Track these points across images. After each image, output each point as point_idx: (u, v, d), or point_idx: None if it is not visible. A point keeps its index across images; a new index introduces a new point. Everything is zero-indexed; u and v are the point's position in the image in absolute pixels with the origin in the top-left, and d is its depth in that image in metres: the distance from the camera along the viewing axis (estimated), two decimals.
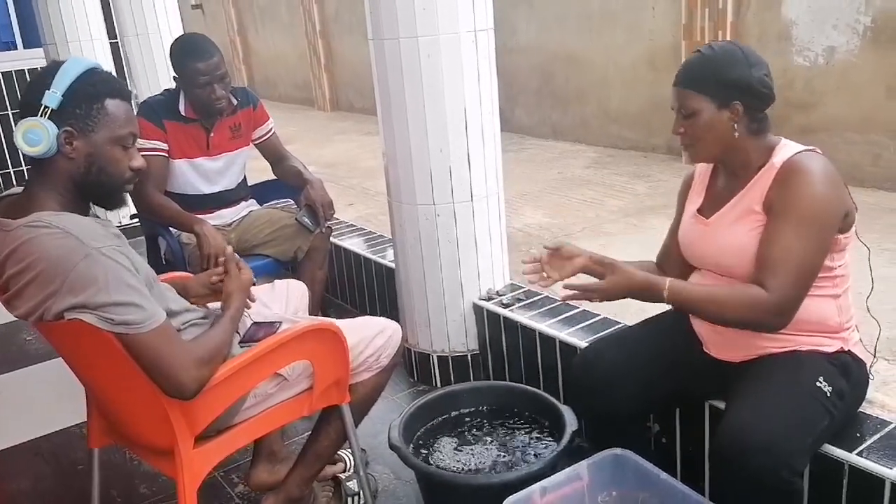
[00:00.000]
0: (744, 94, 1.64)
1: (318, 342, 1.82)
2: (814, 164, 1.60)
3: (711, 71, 1.65)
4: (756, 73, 1.64)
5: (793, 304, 1.58)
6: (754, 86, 1.64)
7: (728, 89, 1.63)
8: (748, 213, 1.67)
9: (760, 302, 1.57)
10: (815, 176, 1.58)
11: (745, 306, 1.59)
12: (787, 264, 1.56)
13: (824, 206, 1.58)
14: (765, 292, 1.56)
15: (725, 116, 1.65)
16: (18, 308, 1.52)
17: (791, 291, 1.57)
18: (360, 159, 6.23)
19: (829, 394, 1.59)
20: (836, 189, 1.60)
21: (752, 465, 1.46)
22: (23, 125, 1.48)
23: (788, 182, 1.60)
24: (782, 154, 1.64)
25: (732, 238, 1.69)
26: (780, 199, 1.60)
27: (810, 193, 1.57)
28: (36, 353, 3.36)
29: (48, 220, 1.47)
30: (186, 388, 1.53)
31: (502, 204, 2.68)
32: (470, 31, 2.38)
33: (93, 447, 1.92)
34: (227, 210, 2.97)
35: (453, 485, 1.93)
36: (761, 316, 1.59)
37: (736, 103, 1.64)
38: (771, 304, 1.56)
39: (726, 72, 1.63)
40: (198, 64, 2.66)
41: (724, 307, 1.62)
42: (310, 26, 9.21)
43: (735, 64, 1.64)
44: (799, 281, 1.58)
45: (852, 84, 4.30)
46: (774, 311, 1.58)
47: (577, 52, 5.98)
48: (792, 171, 1.60)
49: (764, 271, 1.59)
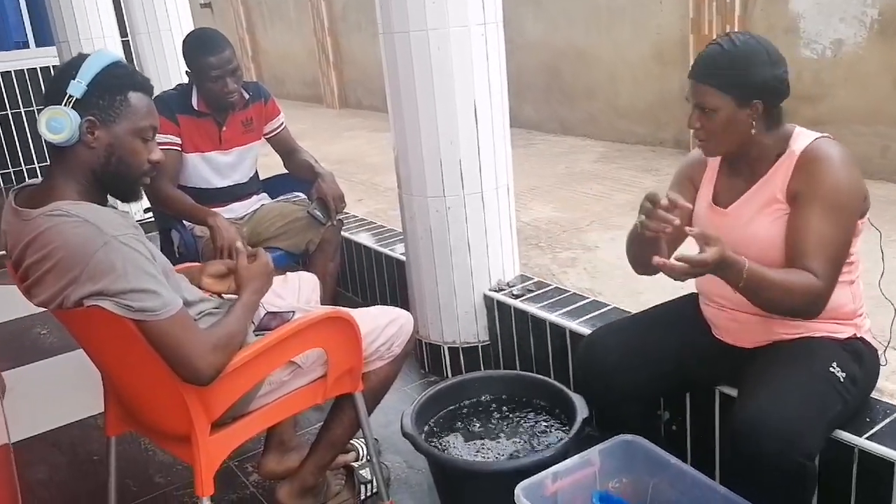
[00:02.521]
0: (765, 93, 1.62)
1: (331, 330, 1.84)
2: (833, 150, 1.61)
3: (736, 71, 1.61)
4: (777, 71, 1.62)
5: (832, 289, 1.59)
6: (775, 85, 1.63)
7: (750, 90, 1.61)
8: (771, 202, 1.66)
9: (815, 289, 1.56)
10: (837, 162, 1.59)
11: (805, 294, 1.56)
12: (825, 250, 1.56)
13: (849, 190, 1.59)
14: (817, 279, 1.55)
15: (745, 115, 1.63)
16: (38, 296, 1.54)
17: (832, 277, 1.57)
18: (369, 156, 6.25)
19: (843, 379, 1.60)
20: (856, 174, 1.61)
21: (767, 450, 1.47)
22: (47, 113, 1.51)
23: (812, 169, 1.60)
24: (801, 142, 1.64)
25: (758, 229, 1.68)
26: (806, 187, 1.60)
27: (835, 180, 1.58)
28: (51, 346, 3.40)
29: (67, 208, 1.49)
30: (203, 375, 1.55)
31: (512, 195, 2.70)
32: (480, 24, 2.40)
33: (110, 435, 1.95)
34: (239, 204, 2.99)
35: (466, 472, 1.95)
36: (810, 301, 1.57)
37: (756, 102, 1.62)
38: (821, 289, 1.56)
39: (751, 73, 1.60)
40: (210, 58, 2.68)
41: (791, 293, 1.56)
42: (318, 24, 9.24)
43: (760, 64, 1.60)
44: (838, 266, 1.59)
45: (860, 76, 4.29)
46: (823, 297, 1.57)
47: (584, 47, 5.99)
48: (814, 158, 1.61)
49: (804, 259, 1.57)
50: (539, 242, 3.83)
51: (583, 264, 3.51)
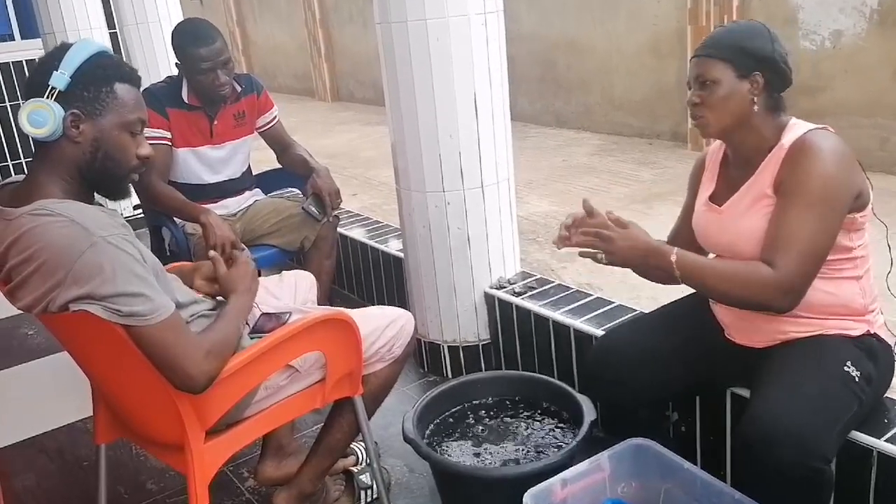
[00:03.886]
0: (765, 66, 1.62)
1: (330, 332, 1.77)
2: (823, 143, 1.56)
3: (735, 39, 1.64)
4: (778, 48, 1.63)
5: (800, 284, 1.55)
6: (776, 60, 1.62)
7: (750, 58, 1.62)
8: (760, 198, 1.63)
9: (766, 279, 1.54)
10: (823, 154, 1.54)
11: (750, 283, 1.56)
12: (793, 243, 1.53)
13: (833, 185, 1.54)
14: (771, 270, 1.53)
15: (745, 88, 1.62)
16: (22, 300, 1.46)
17: (797, 270, 1.53)
18: (362, 149, 6.19)
19: (857, 378, 1.56)
20: (846, 168, 1.56)
21: (780, 454, 1.42)
22: (28, 106, 1.43)
23: (797, 161, 1.56)
24: (792, 134, 1.61)
25: (747, 224, 1.65)
26: (788, 179, 1.57)
27: (818, 173, 1.54)
28: (37, 347, 3.31)
29: (52, 207, 1.42)
30: (196, 382, 1.48)
31: (513, 191, 2.63)
32: (480, 14, 2.33)
33: (99, 443, 1.88)
34: (232, 200, 2.92)
35: (471, 478, 1.89)
36: (767, 294, 1.55)
37: (756, 74, 1.62)
38: (776, 281, 1.53)
39: (749, 41, 1.63)
40: (200, 50, 2.60)
41: (730, 282, 1.58)
42: (309, 16, 9.15)
43: (758, 36, 1.64)
44: (805, 260, 1.54)
45: (859, 68, 4.26)
46: (780, 290, 1.54)
47: (579, 39, 5.93)
48: (800, 150, 1.57)
49: (770, 250, 1.56)
50: (537, 237, 3.78)
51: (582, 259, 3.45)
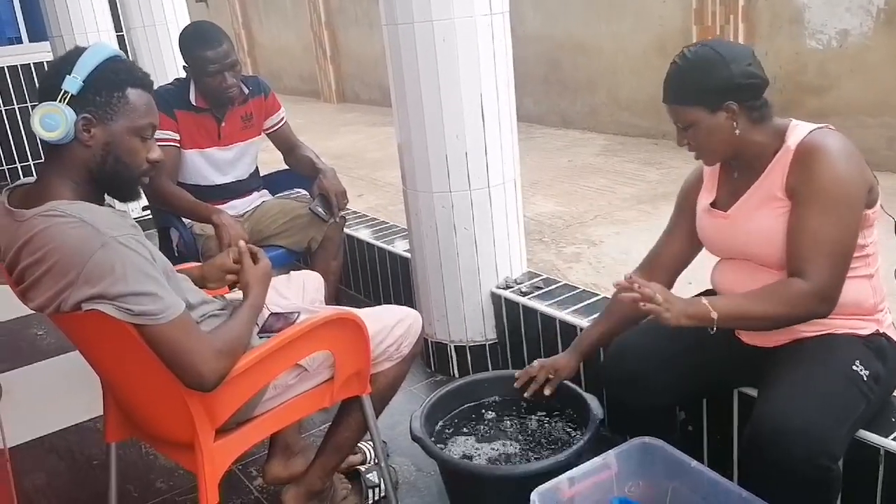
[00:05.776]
0: (732, 92, 1.60)
1: (339, 332, 1.79)
2: (830, 142, 1.56)
3: (693, 81, 1.62)
4: (736, 69, 1.59)
5: (834, 287, 1.55)
6: (740, 82, 1.59)
7: (714, 94, 1.60)
8: (770, 200, 1.63)
9: (803, 292, 1.53)
10: (833, 154, 1.55)
11: (790, 300, 1.55)
12: (820, 249, 1.53)
13: (848, 184, 1.54)
14: (804, 282, 1.53)
15: (723, 118, 1.62)
16: (34, 300, 1.48)
17: (829, 275, 1.54)
18: (368, 150, 6.20)
19: (866, 377, 1.56)
20: (856, 165, 1.56)
21: (788, 453, 1.43)
22: (40, 109, 1.44)
23: (808, 164, 1.56)
24: (796, 135, 1.61)
25: (757, 225, 1.65)
26: (802, 184, 1.57)
27: (832, 174, 1.54)
28: (47, 347, 3.34)
29: (63, 208, 1.43)
30: (206, 380, 1.49)
31: (519, 191, 2.64)
32: (486, 15, 2.33)
33: (110, 441, 1.89)
34: (239, 201, 2.93)
35: (479, 476, 1.90)
36: (808, 305, 1.55)
37: (729, 103, 1.60)
38: (813, 291, 1.53)
39: (707, 78, 1.60)
40: (207, 52, 2.61)
41: (770, 304, 1.56)
42: (315, 18, 9.17)
43: (712, 68, 1.59)
44: (835, 263, 1.54)
45: (866, 67, 4.25)
46: (818, 298, 1.54)
47: (585, 39, 5.93)
48: (809, 152, 1.57)
49: (797, 261, 1.56)
50: (543, 237, 3.78)
51: (588, 259, 3.47)
